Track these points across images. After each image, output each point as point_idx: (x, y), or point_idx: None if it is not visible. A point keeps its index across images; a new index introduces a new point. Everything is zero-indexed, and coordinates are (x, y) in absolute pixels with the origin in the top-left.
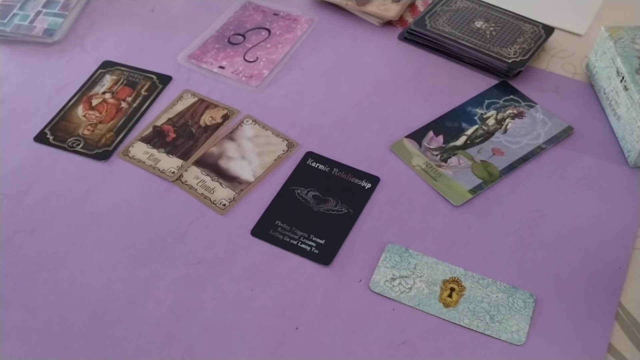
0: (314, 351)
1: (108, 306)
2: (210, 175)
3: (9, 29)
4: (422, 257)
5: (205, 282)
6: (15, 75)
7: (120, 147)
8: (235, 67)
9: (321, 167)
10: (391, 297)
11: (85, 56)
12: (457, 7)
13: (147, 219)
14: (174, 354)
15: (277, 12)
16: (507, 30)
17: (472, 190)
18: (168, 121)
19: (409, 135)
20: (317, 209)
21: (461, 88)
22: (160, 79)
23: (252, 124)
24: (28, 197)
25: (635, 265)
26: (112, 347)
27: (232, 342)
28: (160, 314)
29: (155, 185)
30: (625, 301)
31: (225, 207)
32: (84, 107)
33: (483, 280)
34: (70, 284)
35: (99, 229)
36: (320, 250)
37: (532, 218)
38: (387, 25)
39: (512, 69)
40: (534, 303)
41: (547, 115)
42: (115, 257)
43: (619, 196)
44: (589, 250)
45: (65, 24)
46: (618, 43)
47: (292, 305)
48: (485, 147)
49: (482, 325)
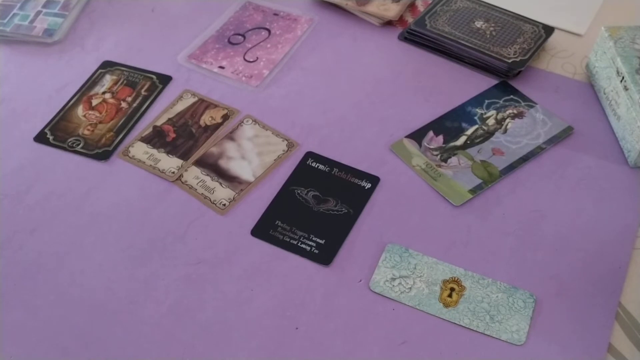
0: (314, 351)
1: (108, 306)
2: (210, 175)
3: (9, 29)
4: (422, 257)
5: (205, 282)
6: (15, 75)
7: (120, 147)
8: (235, 67)
9: (321, 167)
10: (391, 297)
11: (85, 56)
12: (457, 7)
13: (147, 219)
14: (174, 354)
15: (277, 12)
16: (507, 30)
17: (472, 190)
18: (168, 121)
19: (409, 135)
20: (317, 209)
21: (461, 88)
22: (160, 79)
23: (252, 124)
24: (28, 197)
25: (635, 265)
26: (112, 347)
27: (232, 342)
28: (160, 314)
29: (155, 185)
30: (625, 301)
31: (225, 207)
32: (84, 107)
33: (483, 280)
34: (70, 284)
35: (99, 229)
36: (320, 250)
37: (532, 218)
38: (387, 25)
39: (512, 69)
40: (534, 303)
41: (547, 115)
42: (115, 257)
43: (619, 196)
44: (589, 250)
45: (65, 24)
46: (618, 43)
47: (292, 305)
48: (485, 147)
49: (482, 325)
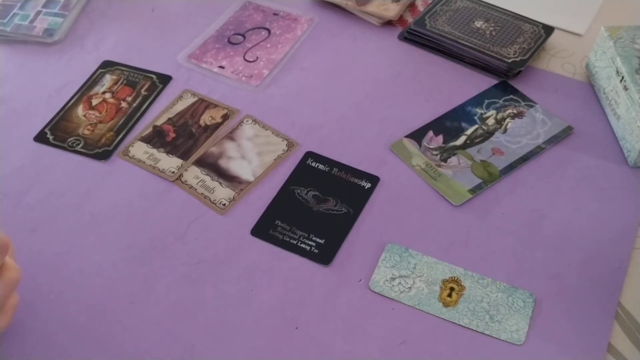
0: (313, 351)
1: (108, 306)
2: (210, 175)
3: (9, 29)
4: (422, 257)
5: (205, 282)
6: (15, 75)
7: (120, 147)
8: (235, 67)
9: (321, 167)
10: (391, 296)
11: (85, 56)
12: (457, 7)
13: (147, 218)
14: (174, 354)
15: (277, 12)
16: (507, 30)
17: (471, 190)
18: (168, 121)
19: (408, 135)
20: (317, 209)
21: (461, 88)
22: (160, 78)
23: (252, 123)
24: (28, 197)
25: (635, 264)
26: (112, 347)
27: (231, 342)
28: (160, 313)
29: (155, 185)
30: (625, 301)
31: (225, 207)
32: (84, 107)
33: (483, 280)
34: (70, 284)
35: (99, 229)
36: (320, 250)
37: (532, 218)
38: (387, 25)
39: (512, 69)
40: (533, 303)
41: (547, 115)
42: (115, 257)
43: (618, 196)
44: (588, 250)
45: (65, 23)
46: (618, 43)
47: (291, 305)
48: (485, 146)
49: (481, 324)
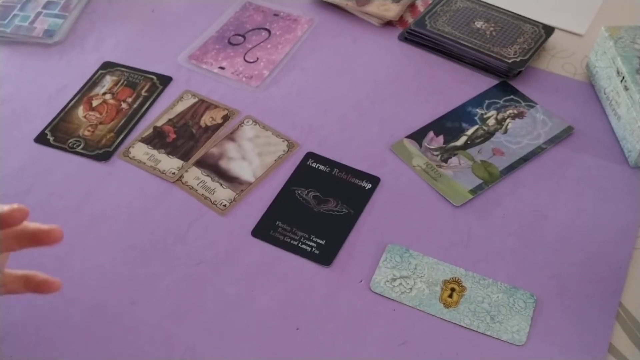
0: (314, 351)
1: (108, 307)
2: (211, 175)
3: (9, 30)
4: (423, 258)
5: (206, 283)
6: (16, 76)
7: (121, 148)
8: (235, 68)
9: (321, 168)
10: (392, 297)
11: (85, 57)
12: (457, 7)
13: (148, 219)
14: (174, 354)
15: (277, 12)
16: (507, 30)
17: (472, 190)
18: (168, 122)
19: (409, 135)
20: (317, 210)
21: (461, 88)
22: (160, 79)
23: (252, 124)
24: (28, 197)
25: (635, 265)
26: (112, 348)
27: (232, 343)
28: (161, 314)
29: (155, 186)
30: (626, 301)
31: (225, 208)
32: (84, 108)
33: (483, 281)
34: (70, 285)
35: (100, 230)
36: (321, 251)
37: (533, 218)
38: (387, 25)
39: (512, 69)
40: (534, 303)
41: (548, 115)
42: (115, 258)
43: (619, 196)
44: (589, 250)
45: (65, 24)
46: (618, 43)
47: (292, 306)
48: (486, 147)
49: (482, 325)
